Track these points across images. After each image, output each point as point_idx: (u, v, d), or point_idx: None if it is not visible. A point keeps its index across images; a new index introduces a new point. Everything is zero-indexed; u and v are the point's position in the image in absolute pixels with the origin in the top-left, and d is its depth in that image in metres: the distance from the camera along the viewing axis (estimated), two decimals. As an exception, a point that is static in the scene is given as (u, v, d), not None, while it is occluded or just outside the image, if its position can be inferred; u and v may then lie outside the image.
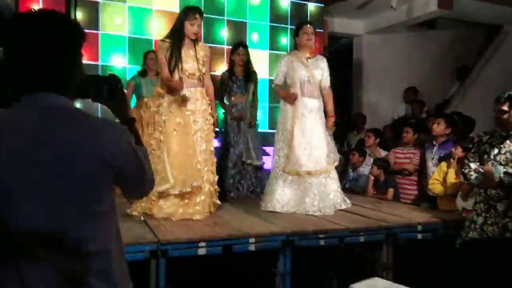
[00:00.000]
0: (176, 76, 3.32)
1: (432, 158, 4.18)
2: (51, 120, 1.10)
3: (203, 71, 3.45)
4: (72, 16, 2.21)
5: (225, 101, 4.68)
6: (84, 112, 1.17)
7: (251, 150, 4.54)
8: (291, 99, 3.72)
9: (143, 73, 4.65)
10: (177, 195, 3.25)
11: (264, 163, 4.69)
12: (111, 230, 1.19)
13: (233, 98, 4.56)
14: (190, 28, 3.34)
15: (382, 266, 3.14)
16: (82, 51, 1.20)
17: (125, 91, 1.37)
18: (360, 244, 3.15)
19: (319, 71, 3.84)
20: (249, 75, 4.60)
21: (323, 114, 3.87)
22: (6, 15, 4.30)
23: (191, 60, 3.37)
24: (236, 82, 4.56)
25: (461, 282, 2.96)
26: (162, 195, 3.25)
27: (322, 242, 3.01)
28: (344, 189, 4.65)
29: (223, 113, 4.71)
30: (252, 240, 2.79)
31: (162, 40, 3.42)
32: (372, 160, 4.73)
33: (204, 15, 3.51)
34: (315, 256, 3.24)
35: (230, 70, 4.61)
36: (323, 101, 3.88)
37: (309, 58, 3.84)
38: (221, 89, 4.60)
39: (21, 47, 1.10)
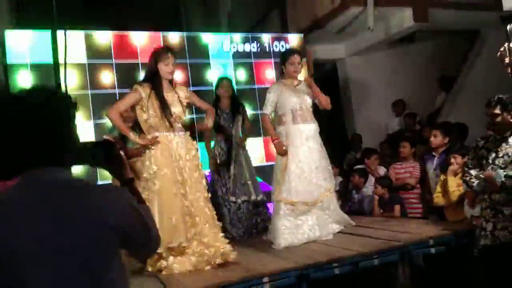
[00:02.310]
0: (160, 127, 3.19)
1: (435, 169, 4.16)
2: (52, 195, 1.12)
3: (186, 113, 3.39)
4: (63, 80, 2.24)
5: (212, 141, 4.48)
6: (83, 183, 1.20)
7: (245, 185, 4.33)
8: (282, 152, 3.69)
9: None
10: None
11: (264, 197, 4.42)
12: None
13: (221, 133, 4.39)
14: (165, 68, 3.23)
15: (401, 286, 3.09)
16: (75, 120, 1.23)
17: (121, 153, 1.41)
18: (375, 267, 3.10)
19: (308, 95, 3.86)
20: (236, 107, 4.49)
21: (319, 138, 3.88)
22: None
23: (177, 104, 3.27)
24: (222, 115, 4.43)
25: (483, 291, 2.91)
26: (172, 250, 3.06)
27: (336, 271, 2.96)
28: (350, 212, 4.61)
29: (211, 157, 4.44)
30: (265, 279, 2.75)
31: (140, 83, 3.26)
32: (373, 179, 4.73)
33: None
34: (333, 285, 3.18)
35: (216, 105, 4.40)
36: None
37: (297, 85, 3.89)
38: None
39: (17, 126, 1.13)
